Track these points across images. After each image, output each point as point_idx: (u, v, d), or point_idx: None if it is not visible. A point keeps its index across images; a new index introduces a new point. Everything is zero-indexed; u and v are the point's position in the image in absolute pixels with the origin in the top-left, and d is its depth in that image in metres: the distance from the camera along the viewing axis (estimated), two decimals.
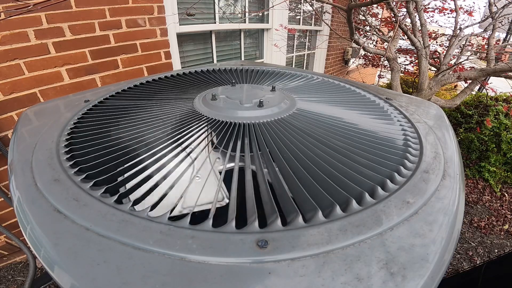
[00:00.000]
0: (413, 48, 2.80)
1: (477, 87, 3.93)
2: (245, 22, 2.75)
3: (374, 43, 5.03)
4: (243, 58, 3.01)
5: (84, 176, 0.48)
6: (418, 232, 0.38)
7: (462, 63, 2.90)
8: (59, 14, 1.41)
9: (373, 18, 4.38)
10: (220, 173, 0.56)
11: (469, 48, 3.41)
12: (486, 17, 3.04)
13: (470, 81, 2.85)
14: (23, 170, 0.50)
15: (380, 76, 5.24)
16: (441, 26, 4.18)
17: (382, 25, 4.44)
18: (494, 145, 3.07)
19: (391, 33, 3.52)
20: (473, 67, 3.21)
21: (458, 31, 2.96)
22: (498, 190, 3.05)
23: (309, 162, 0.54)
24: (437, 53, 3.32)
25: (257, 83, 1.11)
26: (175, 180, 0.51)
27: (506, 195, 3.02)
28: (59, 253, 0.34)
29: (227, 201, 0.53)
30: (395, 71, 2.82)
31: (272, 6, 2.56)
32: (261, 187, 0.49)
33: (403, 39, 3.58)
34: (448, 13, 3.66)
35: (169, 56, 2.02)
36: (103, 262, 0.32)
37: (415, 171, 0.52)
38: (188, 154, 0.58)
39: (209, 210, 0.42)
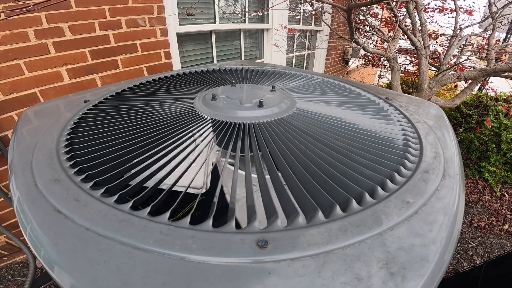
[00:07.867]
0: (413, 48, 2.80)
1: (477, 87, 3.93)
2: (245, 22, 2.75)
3: (374, 43, 5.04)
4: (243, 58, 3.01)
5: (84, 176, 0.48)
6: (418, 232, 0.38)
7: (462, 63, 2.89)
8: (59, 14, 1.41)
9: (373, 18, 4.38)
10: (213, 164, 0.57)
11: (469, 48, 3.41)
12: (486, 17, 3.04)
13: (470, 81, 2.85)
14: (23, 170, 0.50)
15: (380, 76, 5.25)
16: (441, 26, 4.18)
17: (382, 25, 4.44)
18: (494, 145, 3.07)
19: (391, 33, 3.52)
20: (473, 67, 3.21)
21: (458, 31, 2.96)
22: (498, 190, 3.05)
23: (309, 162, 0.54)
24: (437, 53, 3.32)
25: (257, 83, 1.11)
26: (171, 169, 0.51)
27: (506, 195, 3.02)
28: (59, 253, 0.34)
29: (203, 191, 0.54)
30: (395, 71, 2.82)
31: (272, 6, 2.56)
32: (261, 187, 0.49)
33: (403, 39, 3.58)
34: (448, 13, 3.66)
35: (169, 56, 2.02)
36: (103, 262, 0.32)
37: (415, 171, 0.52)
38: (188, 154, 0.58)
39: (209, 210, 0.42)
